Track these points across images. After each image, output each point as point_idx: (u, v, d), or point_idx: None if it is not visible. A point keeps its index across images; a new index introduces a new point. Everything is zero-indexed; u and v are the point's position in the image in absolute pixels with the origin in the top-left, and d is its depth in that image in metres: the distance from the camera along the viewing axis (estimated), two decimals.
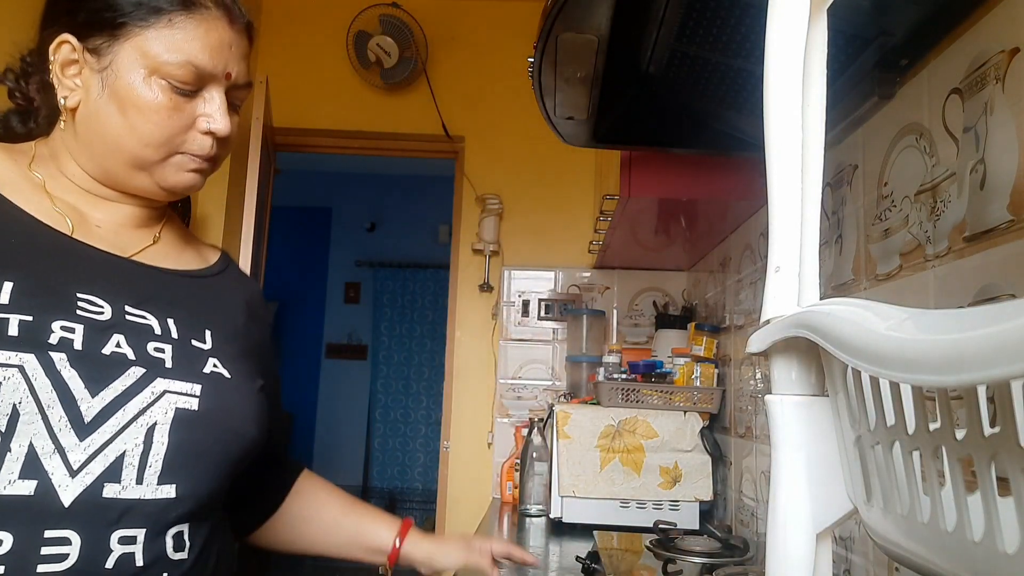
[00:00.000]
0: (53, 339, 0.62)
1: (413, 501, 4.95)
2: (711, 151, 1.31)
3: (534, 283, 2.65)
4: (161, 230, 0.81)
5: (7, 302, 0.62)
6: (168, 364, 0.68)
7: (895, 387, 0.34)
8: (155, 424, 0.65)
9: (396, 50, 2.57)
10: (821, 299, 0.43)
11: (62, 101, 0.72)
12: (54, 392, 0.60)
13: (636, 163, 1.53)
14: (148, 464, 0.64)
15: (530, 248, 2.66)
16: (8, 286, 0.63)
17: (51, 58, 0.72)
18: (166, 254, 0.80)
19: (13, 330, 0.60)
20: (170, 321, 0.72)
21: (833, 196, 1.16)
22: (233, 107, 0.77)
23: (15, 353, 0.59)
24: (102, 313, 0.67)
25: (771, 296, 0.44)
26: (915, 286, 0.89)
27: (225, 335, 0.77)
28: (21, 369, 0.59)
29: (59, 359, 0.61)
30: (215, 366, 0.72)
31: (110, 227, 0.76)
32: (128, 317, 0.69)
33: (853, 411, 0.38)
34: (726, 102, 1.11)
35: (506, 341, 2.62)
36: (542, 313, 2.62)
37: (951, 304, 0.80)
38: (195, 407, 0.68)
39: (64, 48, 0.71)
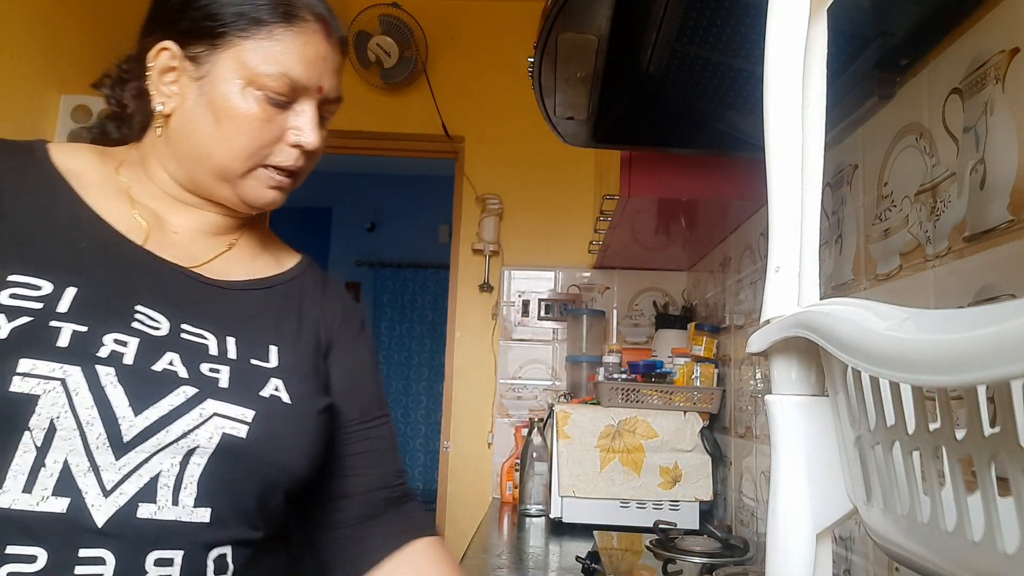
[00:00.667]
0: (103, 352, 0.60)
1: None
2: (711, 151, 1.31)
3: (534, 283, 2.65)
4: (240, 237, 0.80)
5: (65, 310, 0.60)
6: (223, 384, 0.65)
7: (895, 387, 0.34)
8: (196, 447, 0.62)
9: (396, 50, 2.58)
10: (821, 299, 0.43)
11: (159, 107, 0.72)
12: (95, 408, 0.58)
13: (636, 163, 1.53)
14: (183, 486, 0.61)
15: (530, 248, 2.66)
16: (71, 292, 0.62)
17: (150, 64, 0.72)
18: (239, 260, 0.78)
19: (64, 340, 0.59)
20: (230, 340, 0.69)
21: (833, 196, 1.16)
22: (323, 120, 0.77)
23: (60, 365, 0.58)
24: (158, 328, 0.65)
25: (771, 296, 0.44)
26: (915, 286, 0.89)
27: (293, 350, 0.74)
28: (63, 383, 0.58)
29: (106, 373, 0.60)
30: (276, 389, 0.68)
31: (187, 233, 0.75)
32: (184, 335, 0.66)
33: (853, 411, 0.38)
34: (726, 102, 1.11)
35: (506, 341, 2.62)
36: (542, 313, 2.62)
37: (951, 304, 0.80)
38: (243, 435, 0.64)
39: (164, 55, 0.72)
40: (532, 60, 0.96)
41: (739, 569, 1.30)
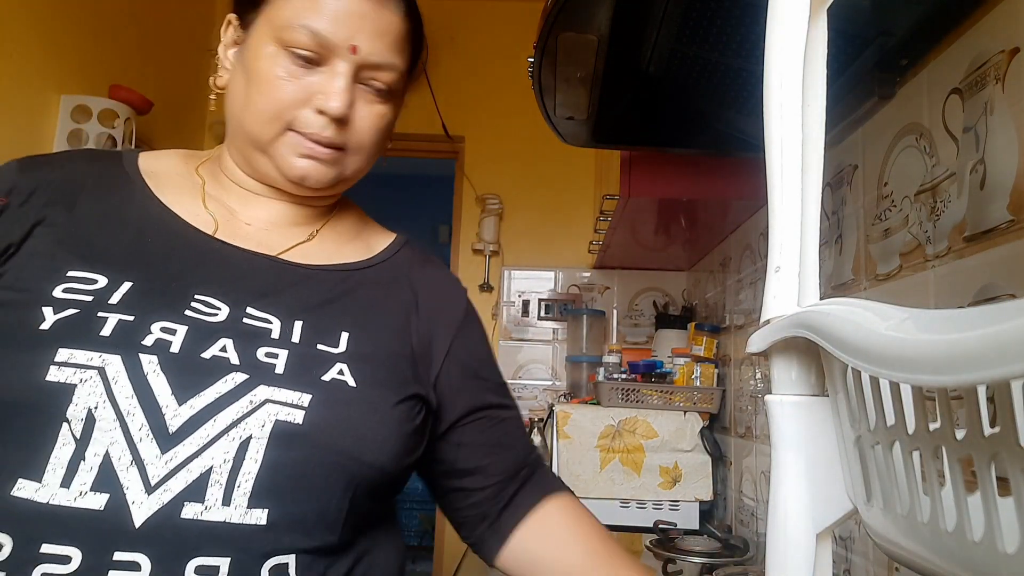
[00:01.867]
0: (148, 340, 0.57)
1: (413, 501, 4.95)
2: (711, 151, 1.31)
3: (534, 283, 2.65)
4: (322, 227, 0.76)
5: (116, 302, 0.59)
6: (278, 370, 0.60)
7: (895, 387, 0.34)
8: (250, 438, 0.56)
9: None
10: (821, 299, 0.43)
11: (212, 82, 0.71)
12: (135, 398, 0.55)
13: (636, 163, 1.53)
14: (237, 483, 0.55)
15: (530, 248, 2.66)
16: (126, 286, 0.60)
17: (221, 40, 0.71)
18: (321, 250, 0.73)
19: (107, 330, 0.57)
20: (298, 324, 0.64)
21: (833, 196, 1.16)
22: (377, 93, 0.70)
23: (99, 354, 0.55)
24: (216, 315, 0.62)
25: (771, 296, 0.44)
26: (915, 286, 0.89)
27: (369, 337, 0.67)
28: (102, 371, 0.55)
29: (148, 362, 0.56)
30: (340, 372, 0.63)
31: (260, 224, 0.72)
32: (246, 320, 0.62)
33: (853, 411, 0.38)
34: (726, 102, 1.11)
35: (506, 341, 2.62)
36: (542, 313, 2.62)
37: (951, 304, 0.80)
38: (299, 420, 0.58)
39: (230, 29, 0.71)
40: (532, 60, 0.96)
41: (739, 569, 1.30)
